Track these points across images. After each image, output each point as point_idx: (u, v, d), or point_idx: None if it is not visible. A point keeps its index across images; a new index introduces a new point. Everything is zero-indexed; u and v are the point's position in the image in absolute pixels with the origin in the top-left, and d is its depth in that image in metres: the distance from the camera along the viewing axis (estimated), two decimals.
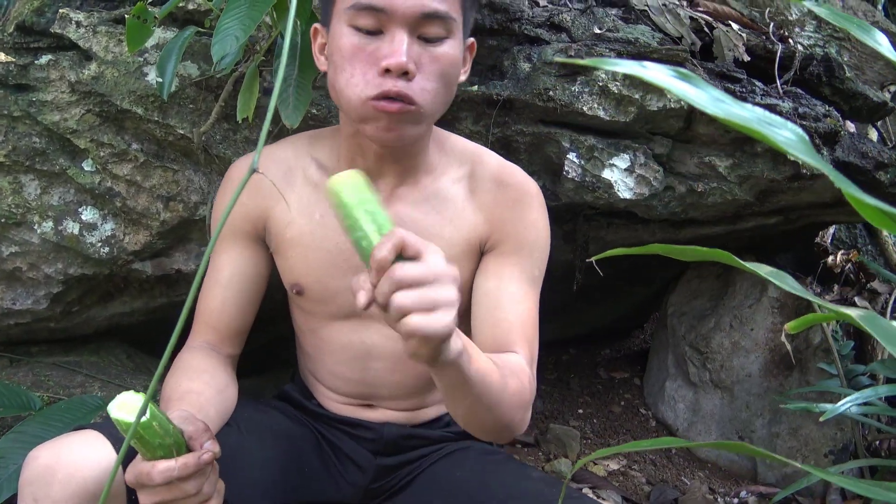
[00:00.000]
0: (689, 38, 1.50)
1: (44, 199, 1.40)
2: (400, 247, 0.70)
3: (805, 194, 1.51)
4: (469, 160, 1.12)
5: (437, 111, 0.98)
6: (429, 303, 0.70)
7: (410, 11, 0.90)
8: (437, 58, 0.94)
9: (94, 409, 1.21)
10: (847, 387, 1.73)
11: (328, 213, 1.08)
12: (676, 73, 0.40)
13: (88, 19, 1.34)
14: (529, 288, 1.08)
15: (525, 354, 1.02)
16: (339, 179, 0.73)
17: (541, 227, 1.10)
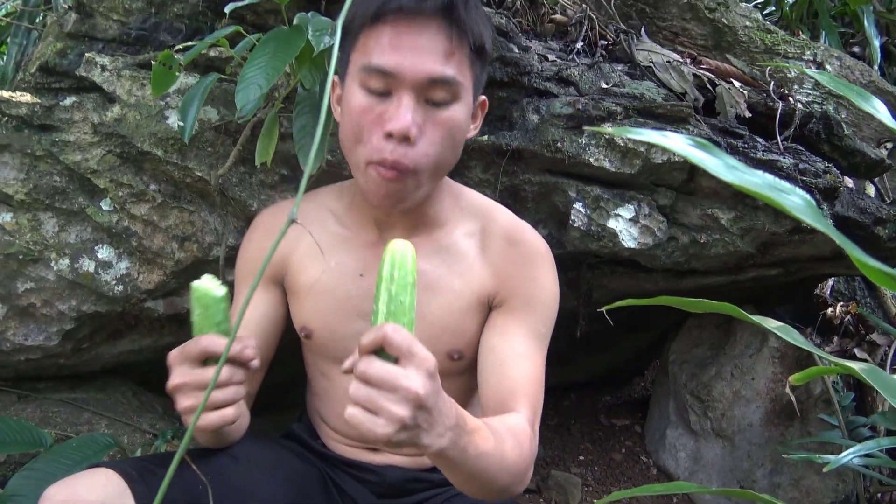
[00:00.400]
0: (693, 95, 1.55)
1: (61, 237, 1.42)
2: (379, 343, 0.73)
3: (805, 247, 1.54)
4: (482, 216, 1.15)
5: (439, 172, 1.02)
6: (373, 406, 0.72)
7: (417, 76, 0.94)
8: (443, 122, 0.97)
9: (104, 446, 1.22)
10: (848, 438, 1.74)
11: (343, 262, 1.13)
12: (694, 141, 0.43)
13: (113, 63, 1.39)
14: (535, 345, 1.09)
15: (527, 413, 1.02)
16: (392, 248, 0.78)
17: (548, 285, 1.12)
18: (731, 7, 2.10)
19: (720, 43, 2.08)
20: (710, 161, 0.42)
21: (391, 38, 0.94)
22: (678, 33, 2.13)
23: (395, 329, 0.73)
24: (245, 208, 1.41)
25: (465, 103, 1.00)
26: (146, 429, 1.54)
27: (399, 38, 0.94)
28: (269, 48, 1.15)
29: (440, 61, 0.94)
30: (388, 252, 0.78)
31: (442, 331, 1.11)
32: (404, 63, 0.93)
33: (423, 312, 1.10)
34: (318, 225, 1.16)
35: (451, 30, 0.95)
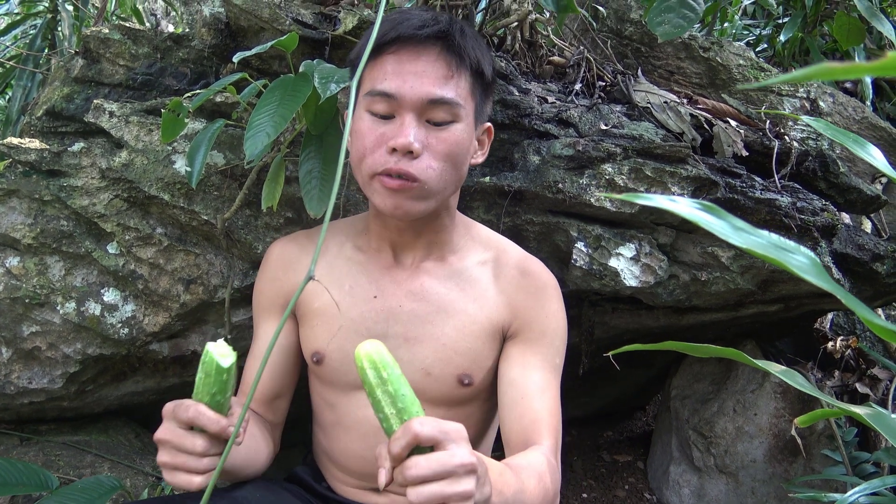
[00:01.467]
0: (690, 134, 1.58)
1: (68, 281, 1.43)
2: (414, 443, 0.75)
3: (805, 284, 1.55)
4: (493, 247, 1.20)
5: (444, 188, 1.05)
6: (442, 498, 0.74)
7: (418, 97, 1.00)
8: (444, 139, 1.02)
9: (109, 489, 1.22)
10: (852, 474, 1.74)
11: (357, 284, 1.16)
12: (701, 205, 0.45)
13: (121, 109, 1.41)
14: (552, 376, 1.12)
15: (550, 445, 1.05)
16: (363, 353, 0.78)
17: (560, 317, 1.16)
18: (725, 46, 2.14)
19: (714, 81, 2.12)
20: (718, 224, 0.44)
21: (393, 66, 1.02)
22: (673, 72, 2.17)
23: (420, 423, 0.75)
24: (250, 251, 1.43)
25: (467, 125, 1.05)
26: (149, 471, 1.54)
27: (401, 65, 1.02)
28: (276, 96, 1.17)
29: (439, 84, 1.01)
30: (362, 357, 0.78)
31: (454, 353, 1.13)
32: (405, 86, 1.00)
33: (437, 334, 1.13)
34: (336, 249, 1.19)
35: (449, 54, 1.03)
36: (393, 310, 1.14)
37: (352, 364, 1.15)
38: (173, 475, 0.86)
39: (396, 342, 1.14)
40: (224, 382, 0.85)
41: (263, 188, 1.29)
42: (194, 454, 0.85)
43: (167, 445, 0.86)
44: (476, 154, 1.13)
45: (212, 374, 0.84)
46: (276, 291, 1.20)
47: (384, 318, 1.14)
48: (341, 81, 1.17)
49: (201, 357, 0.85)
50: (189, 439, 0.85)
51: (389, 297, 1.14)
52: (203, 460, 0.86)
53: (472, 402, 1.18)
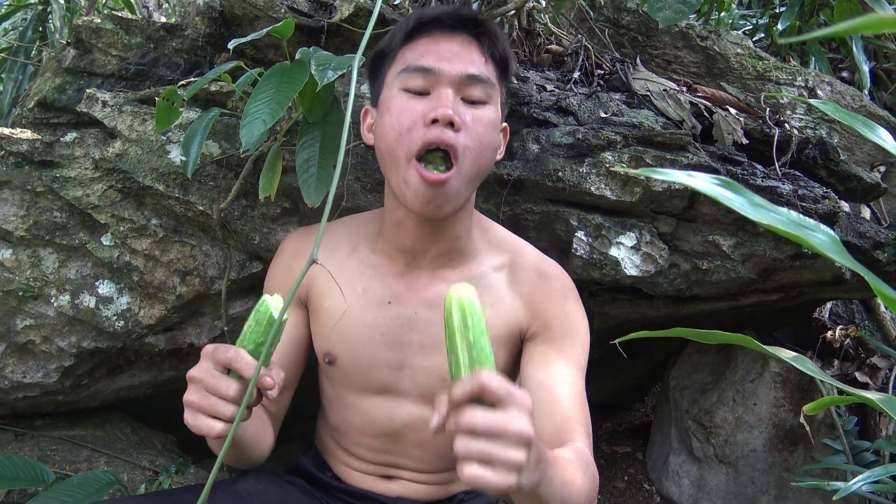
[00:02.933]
0: (690, 122, 1.56)
1: (62, 273, 1.41)
2: (478, 392, 0.71)
3: (806, 273, 1.55)
4: (510, 250, 1.17)
5: (473, 179, 1.03)
6: (488, 458, 0.69)
7: (456, 72, 1.00)
8: (480, 118, 1.01)
9: (106, 484, 1.20)
10: (853, 463, 1.73)
11: (371, 288, 1.13)
12: (720, 181, 0.43)
13: (114, 99, 1.39)
14: (578, 373, 1.09)
15: (585, 442, 1.03)
16: (455, 296, 0.75)
17: (581, 318, 1.14)
18: (723, 35, 2.13)
19: (712, 70, 2.11)
20: (736, 200, 0.43)
21: (429, 45, 1.03)
22: (671, 61, 2.15)
23: (490, 375, 0.71)
24: (247, 241, 1.41)
25: (496, 111, 1.04)
26: (146, 465, 1.52)
27: (437, 45, 1.03)
28: (272, 83, 1.15)
29: (476, 63, 1.02)
30: (452, 299, 0.75)
31: None
32: (443, 62, 1.00)
33: None
34: (348, 249, 1.17)
35: (482, 40, 1.04)
36: (409, 317, 1.12)
37: (367, 370, 1.14)
38: (196, 417, 0.83)
39: (413, 349, 1.12)
40: (272, 335, 0.83)
41: (260, 177, 1.27)
42: (225, 398, 0.83)
43: (200, 384, 0.84)
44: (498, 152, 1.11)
45: (262, 323, 0.83)
46: (289, 283, 1.18)
47: (399, 324, 1.12)
48: (339, 69, 1.15)
49: (255, 306, 0.84)
50: (224, 381, 0.83)
51: (405, 304, 1.12)
52: (230, 406, 0.83)
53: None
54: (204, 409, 0.83)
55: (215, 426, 0.83)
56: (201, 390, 0.83)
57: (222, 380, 0.83)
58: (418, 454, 1.17)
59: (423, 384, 1.13)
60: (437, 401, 0.74)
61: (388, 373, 1.13)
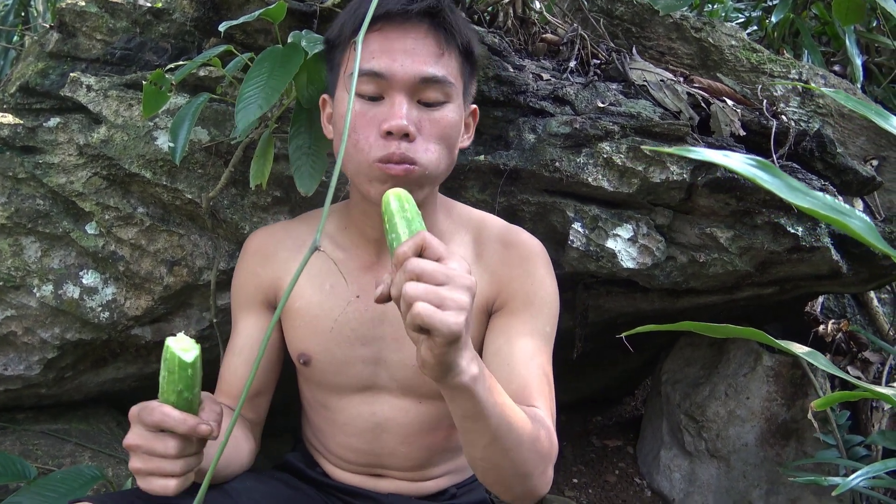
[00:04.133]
0: (688, 113, 1.55)
1: (44, 262, 1.37)
2: (420, 246, 0.74)
3: (804, 266, 1.53)
4: (474, 226, 1.15)
5: (440, 174, 1.00)
6: (436, 298, 0.71)
7: (409, 76, 0.94)
8: (437, 120, 0.97)
9: (90, 479, 1.17)
10: (846, 457, 1.73)
11: (338, 284, 1.10)
12: (756, 162, 0.41)
13: (99, 83, 1.35)
14: (542, 343, 1.07)
15: (544, 409, 1.00)
16: (391, 192, 0.80)
17: (548, 284, 1.11)
18: (717, 27, 2.11)
19: (706, 62, 2.09)
20: (773, 182, 0.40)
21: (380, 43, 0.95)
22: (664, 52, 2.13)
23: (430, 235, 0.74)
24: (237, 231, 1.37)
25: (457, 106, 1.00)
26: None
27: (389, 42, 0.95)
28: (265, 67, 1.12)
29: (430, 62, 0.95)
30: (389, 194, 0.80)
31: None
32: (394, 64, 0.94)
33: None
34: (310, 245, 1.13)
35: (439, 32, 0.97)
36: (379, 311, 1.08)
37: (342, 367, 1.11)
38: (148, 481, 0.82)
39: (385, 343, 1.09)
40: (190, 378, 0.80)
41: (252, 165, 1.23)
42: (167, 457, 0.81)
43: (138, 451, 0.82)
44: (463, 137, 1.07)
45: (175, 371, 0.80)
46: (254, 286, 1.15)
47: (370, 318, 1.09)
48: None
49: (162, 354, 0.80)
50: (160, 442, 0.81)
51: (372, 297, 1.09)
52: (177, 462, 0.82)
53: None
54: (152, 472, 0.81)
55: (169, 485, 0.82)
56: (142, 455, 0.82)
57: (158, 441, 0.81)
58: (404, 451, 1.14)
59: (400, 377, 1.10)
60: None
61: (364, 368, 1.11)
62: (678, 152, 0.41)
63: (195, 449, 0.84)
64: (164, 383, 0.81)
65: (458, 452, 1.20)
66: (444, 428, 1.15)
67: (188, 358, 0.79)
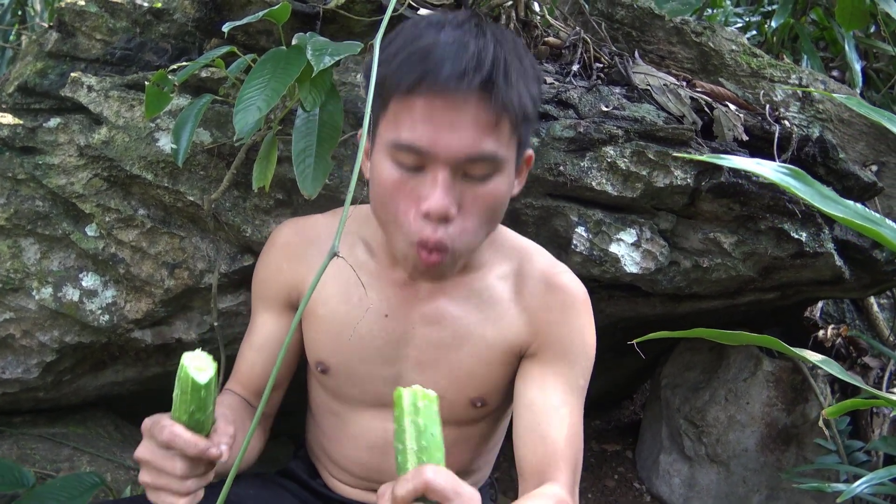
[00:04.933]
0: (691, 118, 1.54)
1: (44, 265, 1.36)
2: (422, 492, 0.69)
3: (807, 271, 1.53)
4: (517, 257, 1.09)
5: (478, 243, 0.96)
6: None
7: (454, 154, 0.86)
8: (482, 196, 0.89)
9: (90, 486, 1.15)
10: (846, 463, 1.73)
11: (366, 297, 1.06)
12: (788, 170, 0.41)
13: (101, 84, 1.34)
14: (574, 400, 1.03)
15: (566, 479, 0.98)
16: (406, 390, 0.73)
17: (587, 334, 1.07)
18: (718, 31, 2.11)
19: (706, 66, 2.09)
20: (806, 191, 0.40)
21: (424, 113, 0.85)
22: (665, 57, 2.13)
23: (436, 473, 0.69)
24: (239, 234, 1.36)
25: (508, 173, 0.92)
26: (130, 465, 1.47)
27: (433, 113, 0.85)
28: (267, 68, 1.11)
29: (478, 138, 0.86)
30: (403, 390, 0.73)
31: (469, 378, 1.06)
32: (440, 141, 0.85)
33: (452, 360, 1.05)
34: (345, 250, 1.08)
35: (491, 104, 0.85)
36: (406, 332, 1.06)
37: (361, 382, 1.09)
38: (157, 495, 0.81)
39: (408, 366, 1.07)
40: (202, 399, 0.79)
41: (254, 167, 1.22)
42: (175, 476, 0.80)
43: (148, 466, 0.81)
44: (514, 187, 0.98)
45: (188, 392, 0.78)
46: (279, 282, 1.12)
47: (395, 339, 1.06)
48: (336, 55, 1.10)
49: (177, 372, 0.78)
50: (169, 461, 0.80)
51: (402, 319, 1.05)
52: (186, 482, 0.81)
53: (483, 420, 1.13)
54: (161, 488, 0.81)
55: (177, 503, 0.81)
56: (151, 470, 0.81)
57: (167, 459, 0.80)
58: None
59: None
60: (380, 494, 0.72)
61: (383, 386, 1.08)
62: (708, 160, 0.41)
63: (203, 470, 0.83)
64: (176, 402, 0.80)
65: (468, 476, 1.18)
66: (457, 453, 1.12)
67: (202, 379, 0.77)
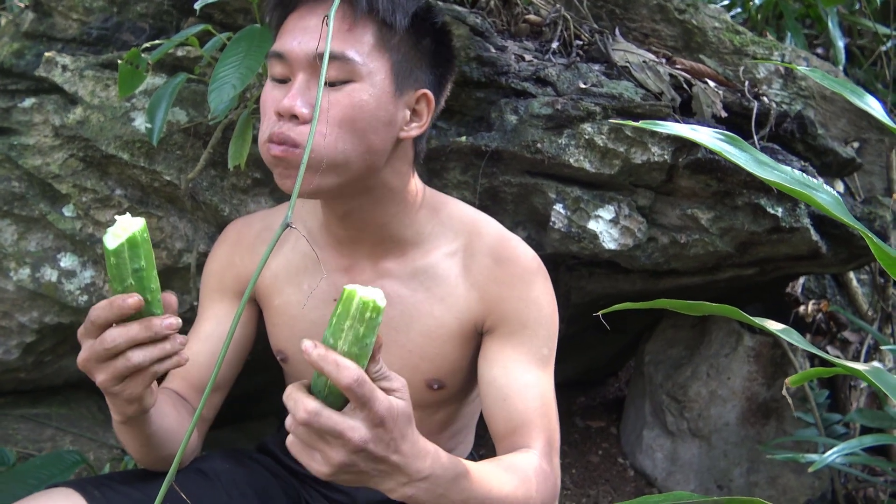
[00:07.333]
0: (669, 94, 1.54)
1: (21, 245, 1.36)
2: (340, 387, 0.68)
3: (783, 246, 1.54)
4: (465, 231, 1.06)
5: (345, 161, 0.90)
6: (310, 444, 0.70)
7: (304, 54, 0.89)
8: (336, 101, 0.88)
9: (71, 464, 1.16)
10: (824, 435, 1.75)
11: (314, 285, 1.06)
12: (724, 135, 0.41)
13: (75, 63, 1.33)
14: (540, 370, 1.02)
15: (541, 446, 0.97)
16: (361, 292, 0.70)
17: (544, 303, 1.05)
18: (701, 8, 2.10)
19: (690, 44, 2.09)
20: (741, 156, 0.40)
21: (292, 23, 0.92)
22: (648, 34, 2.13)
23: (359, 382, 0.68)
24: (216, 213, 1.36)
25: (372, 86, 0.90)
26: (113, 444, 1.48)
27: (295, 21, 0.92)
28: (241, 47, 1.11)
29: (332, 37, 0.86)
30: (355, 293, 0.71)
31: (420, 359, 1.05)
32: (293, 42, 0.89)
33: (401, 340, 1.04)
34: (293, 241, 1.09)
35: (350, 7, 0.89)
36: None
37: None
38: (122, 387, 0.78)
39: None
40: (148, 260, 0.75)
41: (230, 146, 1.22)
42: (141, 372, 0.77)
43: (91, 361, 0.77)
44: (410, 126, 0.96)
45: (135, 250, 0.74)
46: (231, 275, 1.12)
47: None
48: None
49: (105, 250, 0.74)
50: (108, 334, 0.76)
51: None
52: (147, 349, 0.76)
53: (446, 404, 1.12)
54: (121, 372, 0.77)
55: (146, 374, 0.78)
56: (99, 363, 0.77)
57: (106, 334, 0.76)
58: None
59: None
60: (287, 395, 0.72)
61: None
62: (646, 126, 0.41)
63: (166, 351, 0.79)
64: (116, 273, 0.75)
65: None
66: None
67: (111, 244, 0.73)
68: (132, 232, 0.74)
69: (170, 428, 0.97)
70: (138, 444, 0.94)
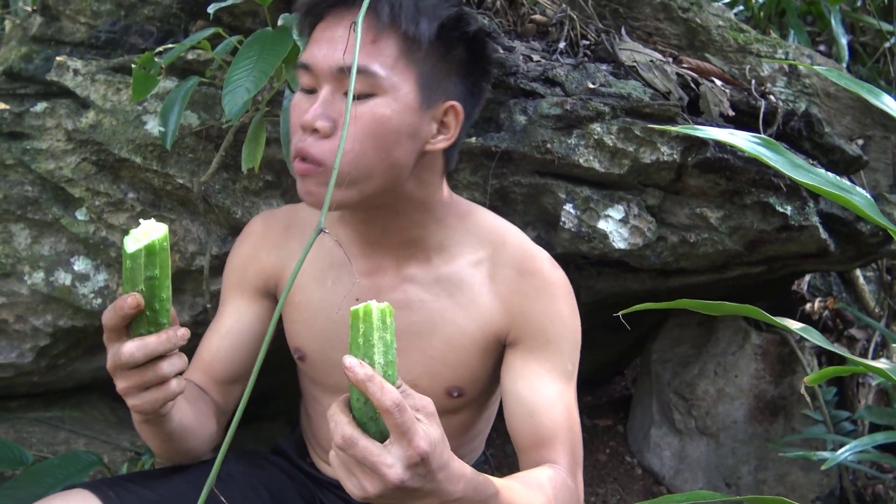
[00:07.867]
0: (677, 94, 1.55)
1: (34, 249, 1.36)
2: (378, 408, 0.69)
3: (792, 245, 1.55)
4: (490, 241, 1.06)
5: (367, 175, 0.90)
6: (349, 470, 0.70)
7: (328, 66, 0.88)
8: (358, 116, 0.87)
9: (88, 464, 1.17)
10: (833, 433, 1.76)
11: (339, 281, 1.06)
12: (760, 139, 0.42)
13: (86, 67, 1.34)
14: (564, 385, 1.02)
15: (567, 462, 0.97)
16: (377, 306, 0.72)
17: (567, 318, 1.04)
18: (704, 6, 2.11)
19: (693, 42, 2.09)
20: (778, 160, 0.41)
21: (315, 34, 0.93)
22: (651, 33, 2.13)
23: (400, 409, 0.68)
24: (229, 216, 1.37)
25: (395, 100, 0.89)
26: (126, 446, 1.49)
27: (321, 33, 0.91)
28: (254, 50, 1.12)
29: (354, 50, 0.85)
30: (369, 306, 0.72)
31: (442, 366, 1.05)
32: (318, 55, 0.89)
33: (424, 347, 1.04)
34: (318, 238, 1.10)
35: (374, 18, 0.88)
36: None
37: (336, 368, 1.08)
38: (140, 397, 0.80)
39: None
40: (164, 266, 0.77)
41: (243, 149, 1.23)
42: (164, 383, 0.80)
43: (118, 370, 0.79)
44: (436, 138, 0.95)
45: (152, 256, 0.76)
46: (256, 270, 1.12)
47: None
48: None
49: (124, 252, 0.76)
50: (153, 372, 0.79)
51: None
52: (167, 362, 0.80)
53: (463, 410, 1.12)
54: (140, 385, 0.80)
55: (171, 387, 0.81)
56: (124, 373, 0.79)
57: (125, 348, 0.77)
58: None
59: None
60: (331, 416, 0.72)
61: None
62: (684, 131, 0.42)
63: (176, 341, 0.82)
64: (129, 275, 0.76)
65: None
66: None
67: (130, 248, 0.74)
68: (152, 239, 0.75)
69: (189, 424, 0.99)
70: (159, 441, 0.96)
